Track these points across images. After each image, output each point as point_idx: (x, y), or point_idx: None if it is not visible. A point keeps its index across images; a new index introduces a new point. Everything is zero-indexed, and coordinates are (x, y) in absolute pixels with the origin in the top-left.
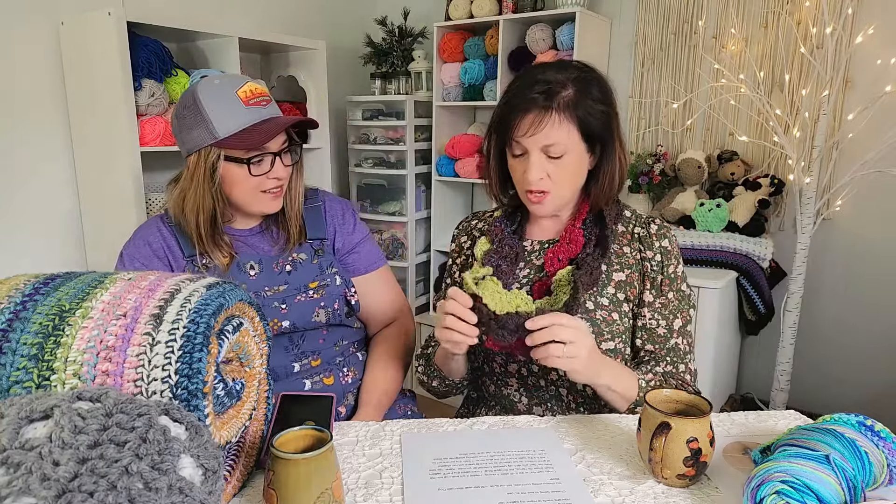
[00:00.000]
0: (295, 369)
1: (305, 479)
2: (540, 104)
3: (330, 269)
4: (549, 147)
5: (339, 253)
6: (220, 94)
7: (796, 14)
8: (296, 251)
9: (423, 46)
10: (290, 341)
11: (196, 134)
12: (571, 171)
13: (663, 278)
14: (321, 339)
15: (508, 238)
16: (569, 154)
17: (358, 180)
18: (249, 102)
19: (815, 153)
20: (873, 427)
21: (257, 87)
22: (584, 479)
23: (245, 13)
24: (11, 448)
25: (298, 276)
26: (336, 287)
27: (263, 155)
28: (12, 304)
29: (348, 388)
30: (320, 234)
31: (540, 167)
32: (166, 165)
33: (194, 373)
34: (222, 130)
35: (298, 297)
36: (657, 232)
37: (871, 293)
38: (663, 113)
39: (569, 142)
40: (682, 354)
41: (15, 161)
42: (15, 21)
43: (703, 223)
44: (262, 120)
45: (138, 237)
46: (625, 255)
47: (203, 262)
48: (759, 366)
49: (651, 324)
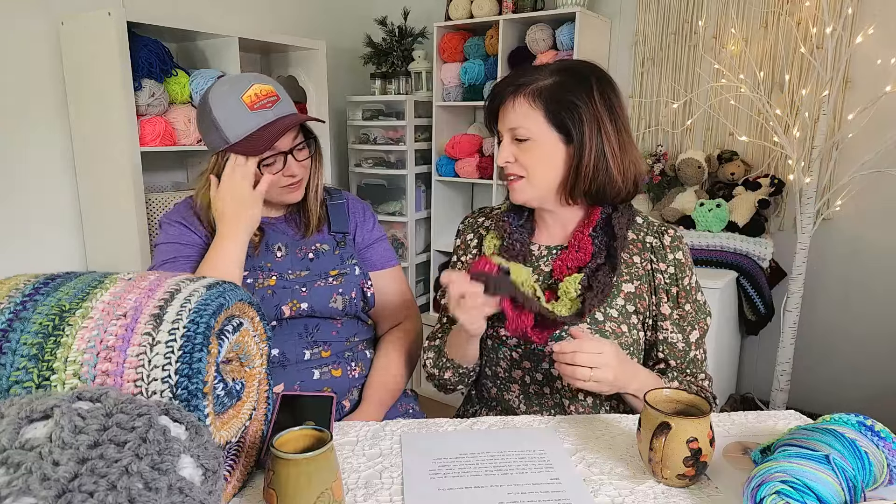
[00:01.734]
0: (305, 356)
1: (305, 479)
2: (510, 89)
3: (350, 261)
4: (514, 130)
5: (358, 247)
6: (226, 101)
7: (796, 14)
8: (319, 241)
9: (423, 46)
10: (304, 328)
11: (211, 138)
12: (540, 158)
13: (679, 290)
14: (335, 330)
15: (517, 233)
16: (535, 140)
17: (358, 180)
18: (255, 107)
19: (815, 153)
20: (873, 427)
21: (263, 88)
22: (584, 479)
23: (245, 13)
24: (11, 448)
25: (320, 264)
26: (355, 277)
27: (275, 155)
28: (12, 304)
29: (354, 383)
30: (343, 228)
31: (507, 150)
32: (166, 165)
33: (194, 373)
34: (232, 136)
35: (319, 282)
36: (671, 244)
37: (871, 293)
38: (663, 113)
39: (534, 127)
40: (700, 364)
41: (15, 161)
42: (15, 21)
43: (703, 223)
44: (267, 123)
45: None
46: (635, 266)
47: None
48: (759, 366)
49: (672, 338)
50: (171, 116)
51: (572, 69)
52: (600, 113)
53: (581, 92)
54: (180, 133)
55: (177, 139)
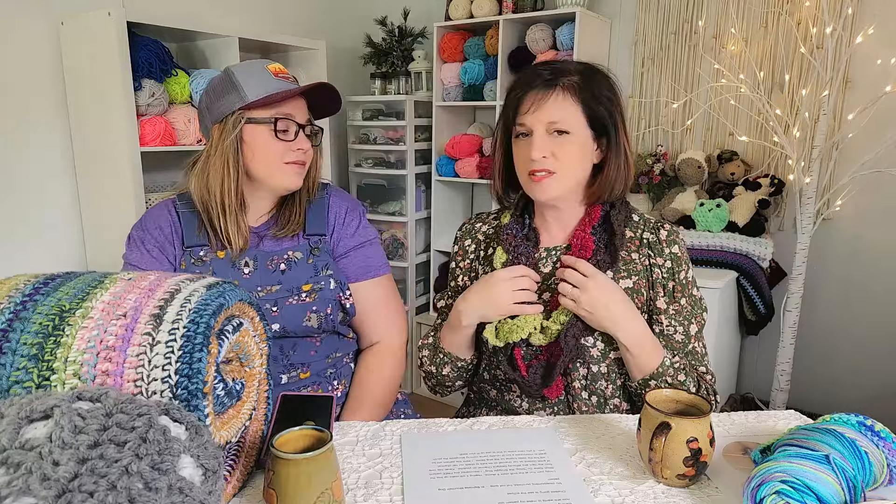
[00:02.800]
0: (283, 381)
1: (305, 479)
2: (545, 79)
3: (325, 272)
4: (553, 124)
5: (335, 254)
6: (250, 66)
7: (796, 14)
8: (291, 248)
9: (423, 46)
10: (280, 351)
11: (225, 100)
12: (576, 153)
13: (675, 284)
14: (313, 350)
15: (523, 246)
16: (574, 134)
17: (358, 180)
18: (278, 75)
19: (815, 153)
20: (873, 427)
21: (284, 68)
22: (584, 479)
23: (245, 13)
24: (11, 448)
25: (292, 276)
26: (329, 291)
27: (288, 122)
28: (12, 304)
29: (338, 401)
30: (319, 230)
31: (544, 144)
32: (166, 165)
33: (194, 373)
34: (252, 94)
35: (290, 299)
36: (667, 238)
37: (871, 293)
38: (663, 113)
39: (573, 121)
40: (700, 357)
41: (15, 161)
42: (15, 21)
43: (703, 223)
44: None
45: (150, 221)
46: (632, 262)
47: (200, 255)
48: (759, 366)
49: (669, 330)
50: (171, 116)
51: (594, 68)
52: (622, 112)
53: (610, 91)
54: (180, 133)
55: (177, 139)
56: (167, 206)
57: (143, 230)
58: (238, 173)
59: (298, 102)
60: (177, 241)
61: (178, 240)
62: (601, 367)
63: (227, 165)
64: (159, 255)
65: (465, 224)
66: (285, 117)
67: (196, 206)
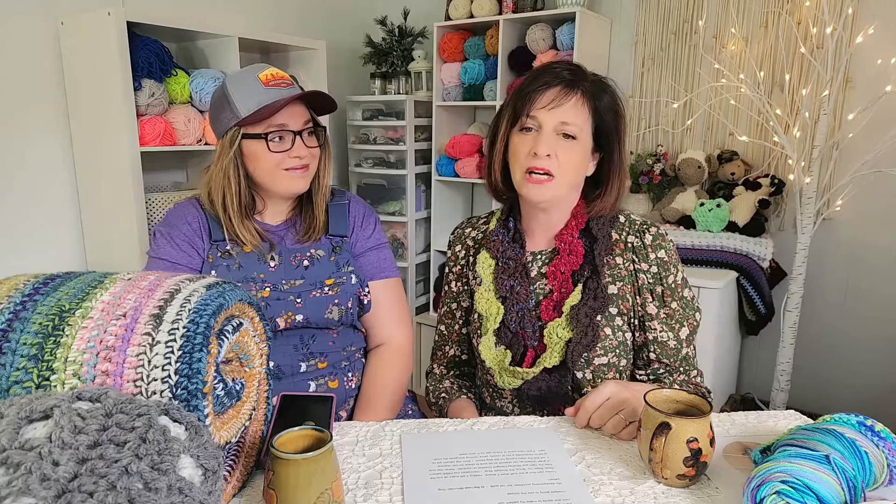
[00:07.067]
0: (301, 369)
1: (305, 479)
2: (567, 79)
3: (346, 268)
4: (564, 125)
5: (353, 253)
6: (242, 78)
7: (796, 14)
8: (314, 246)
9: (423, 46)
10: (300, 340)
11: (223, 117)
12: (577, 160)
13: (664, 289)
14: (331, 341)
15: (510, 249)
16: (579, 140)
17: (358, 180)
18: (269, 84)
19: (816, 153)
20: (873, 427)
21: (279, 72)
22: (584, 479)
23: (245, 13)
24: (11, 448)
25: (315, 272)
26: (351, 286)
27: (282, 132)
28: (12, 304)
29: (351, 394)
30: (342, 232)
31: (550, 143)
32: (166, 165)
33: (194, 373)
34: (243, 109)
35: (314, 292)
36: (652, 243)
37: (871, 293)
38: (663, 113)
39: (583, 127)
40: (692, 360)
41: (15, 161)
42: (15, 21)
43: (703, 223)
44: (278, 99)
45: (177, 217)
46: (617, 267)
47: (227, 249)
48: (759, 366)
49: (662, 336)
50: (171, 116)
51: (605, 82)
52: (625, 130)
53: (617, 108)
54: (180, 133)
55: (176, 139)
56: (192, 204)
57: (170, 226)
58: (240, 183)
59: (293, 108)
60: (204, 235)
61: (206, 234)
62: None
63: (229, 176)
64: (189, 249)
65: (456, 228)
66: (278, 129)
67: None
